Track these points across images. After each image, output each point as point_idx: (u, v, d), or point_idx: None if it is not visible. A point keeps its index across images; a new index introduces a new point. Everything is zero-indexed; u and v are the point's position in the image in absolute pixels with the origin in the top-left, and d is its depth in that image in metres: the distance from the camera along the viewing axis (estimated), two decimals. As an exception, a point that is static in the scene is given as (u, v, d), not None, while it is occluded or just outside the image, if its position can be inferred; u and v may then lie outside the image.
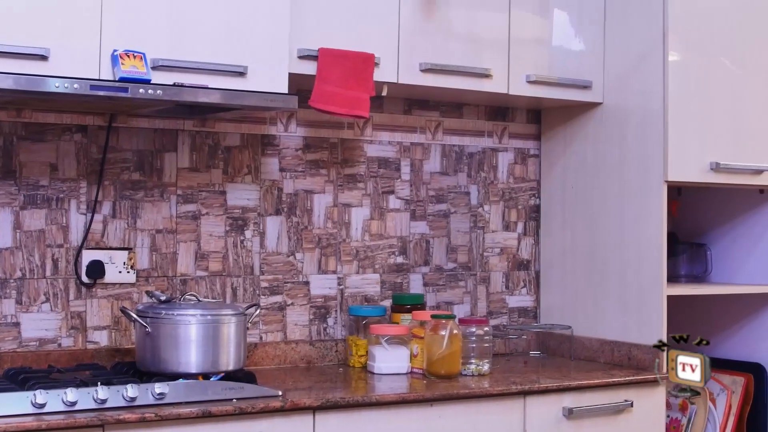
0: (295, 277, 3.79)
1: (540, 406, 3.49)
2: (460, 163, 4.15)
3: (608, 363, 3.96)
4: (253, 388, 3.10)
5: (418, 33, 3.63)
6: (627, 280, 3.93)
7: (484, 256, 4.19)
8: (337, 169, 3.88)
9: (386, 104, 3.97)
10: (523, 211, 4.29)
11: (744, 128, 3.98)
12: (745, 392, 4.11)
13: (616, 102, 4.00)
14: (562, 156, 4.22)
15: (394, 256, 3.99)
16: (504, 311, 4.24)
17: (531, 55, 3.89)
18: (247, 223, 3.71)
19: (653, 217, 3.83)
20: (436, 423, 3.29)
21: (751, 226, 4.23)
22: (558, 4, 3.98)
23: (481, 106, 4.19)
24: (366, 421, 3.17)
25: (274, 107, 3.38)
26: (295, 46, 3.38)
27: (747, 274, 4.23)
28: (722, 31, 3.94)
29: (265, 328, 3.73)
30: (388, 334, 3.65)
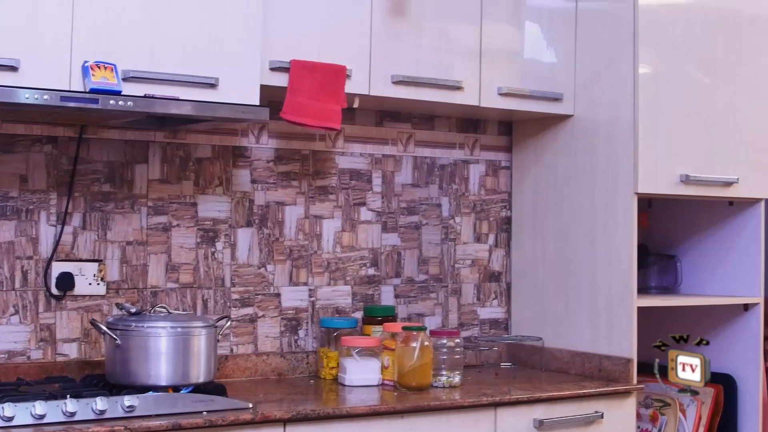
0: (266, 289, 3.79)
1: (511, 417, 3.50)
2: (432, 175, 4.15)
3: (579, 374, 3.97)
4: (224, 401, 3.09)
5: (389, 45, 3.64)
6: (597, 291, 3.94)
7: (455, 268, 4.20)
8: (309, 181, 3.88)
9: (358, 116, 3.97)
10: (494, 222, 4.30)
11: (714, 140, 4.00)
12: (715, 403, 4.12)
13: (586, 114, 4.01)
14: (533, 168, 4.24)
15: (365, 267, 3.99)
16: (475, 323, 4.25)
17: (502, 68, 3.90)
18: (218, 235, 3.70)
19: (623, 228, 3.85)
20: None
21: (721, 238, 4.25)
22: (529, 16, 3.99)
23: (453, 118, 4.20)
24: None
25: (245, 119, 3.38)
26: (266, 58, 3.38)
27: (716, 285, 4.25)
28: (692, 42, 3.96)
29: (236, 340, 3.72)
30: (359, 346, 3.65)
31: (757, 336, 4.11)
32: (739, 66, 4.08)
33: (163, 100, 3.08)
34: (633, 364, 3.80)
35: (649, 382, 4.16)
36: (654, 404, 4.16)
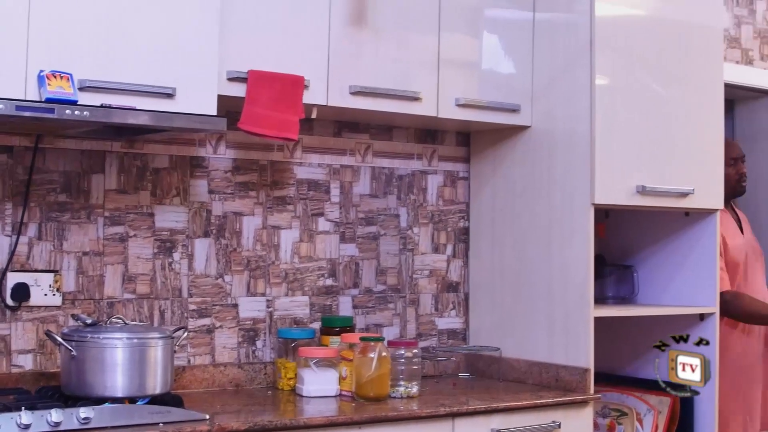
0: (223, 300, 3.77)
1: (468, 427, 3.50)
2: (390, 185, 4.16)
3: (536, 384, 3.98)
4: (180, 412, 3.08)
5: (347, 56, 3.64)
6: (555, 301, 3.95)
7: (413, 278, 4.20)
8: (267, 191, 3.87)
9: (316, 126, 3.97)
10: (452, 233, 4.31)
11: (670, 151, 4.03)
12: (672, 412, 4.15)
13: (544, 125, 4.03)
14: (491, 178, 4.25)
15: (323, 278, 3.99)
16: (433, 333, 4.25)
17: (460, 79, 3.91)
18: (175, 246, 3.68)
19: (580, 239, 3.87)
20: (365, 446, 3.30)
21: (677, 248, 4.28)
22: (487, 27, 4.01)
23: (411, 128, 4.21)
24: (294, 444, 3.17)
25: (202, 129, 3.37)
26: (224, 68, 3.37)
27: (673, 295, 4.28)
28: (647, 54, 3.99)
29: (193, 351, 3.71)
30: (316, 357, 3.64)
31: (712, 345, 4.14)
32: (693, 77, 4.11)
33: (120, 110, 3.06)
34: (590, 374, 3.82)
35: (606, 392, 4.18)
36: (611, 414, 4.18)
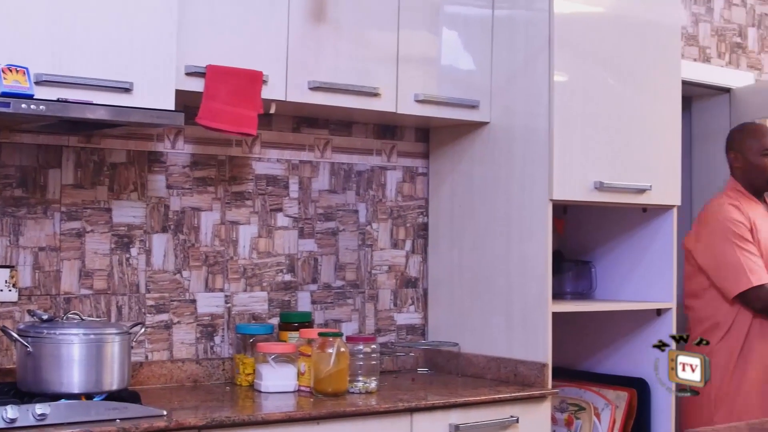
0: (181, 295, 3.76)
1: (427, 422, 3.51)
2: (349, 181, 4.15)
3: (495, 379, 3.99)
4: (137, 408, 3.06)
5: (307, 51, 3.63)
6: (513, 297, 3.97)
7: (372, 274, 4.20)
8: (225, 187, 3.86)
9: (275, 122, 3.96)
10: (411, 229, 4.31)
11: (627, 148, 4.05)
12: (629, 407, 4.18)
13: (502, 121, 4.04)
14: (450, 174, 4.26)
15: (282, 273, 3.98)
16: (392, 329, 4.26)
17: (419, 74, 3.91)
18: (132, 241, 3.67)
19: (539, 235, 3.88)
20: (323, 441, 3.30)
21: (635, 244, 4.31)
22: (447, 23, 4.01)
23: (370, 124, 4.21)
24: (252, 440, 3.16)
25: (160, 124, 3.34)
26: (182, 63, 3.36)
27: (630, 290, 4.31)
28: (606, 51, 4.01)
29: (150, 347, 3.69)
30: (275, 353, 3.63)
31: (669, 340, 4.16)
32: (651, 74, 4.14)
33: (77, 105, 3.05)
34: (548, 369, 3.83)
35: (563, 387, 4.21)
36: (569, 408, 4.20)
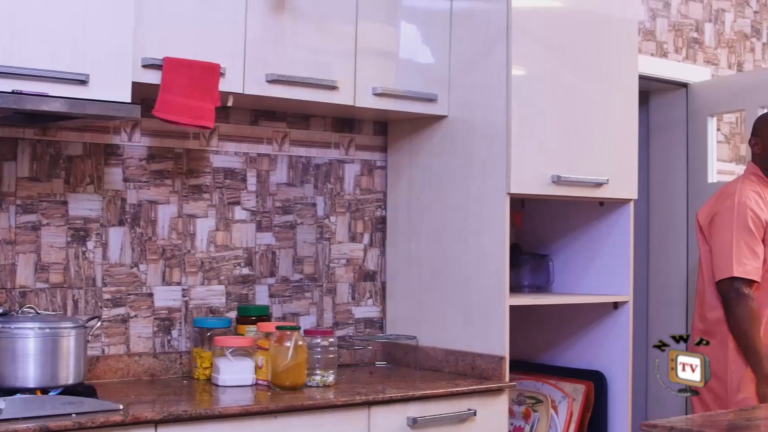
0: (138, 289, 3.74)
1: (384, 416, 3.51)
2: (307, 174, 4.15)
3: (453, 372, 4.00)
4: (94, 402, 3.04)
5: (264, 44, 3.62)
6: (471, 290, 3.98)
7: (330, 267, 4.20)
8: (182, 180, 3.84)
9: (232, 114, 3.95)
10: (369, 222, 4.31)
11: (585, 142, 4.07)
12: (586, 399, 4.20)
13: (460, 115, 4.05)
14: (408, 168, 4.26)
15: (239, 267, 3.97)
16: (350, 322, 4.26)
17: (378, 68, 3.91)
18: (89, 234, 3.64)
19: (496, 228, 3.89)
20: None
21: (592, 238, 4.33)
22: (405, 16, 4.01)
23: (328, 117, 4.20)
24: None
25: (116, 116, 3.32)
26: (139, 55, 3.34)
27: (587, 284, 4.33)
28: (564, 45, 4.02)
29: (107, 341, 3.67)
30: (232, 346, 3.63)
31: (626, 333, 4.20)
32: (609, 68, 4.16)
33: (32, 97, 3.02)
34: (505, 362, 3.84)
35: (521, 380, 4.22)
36: (527, 401, 4.22)
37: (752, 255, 4.26)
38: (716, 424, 2.98)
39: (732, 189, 4.42)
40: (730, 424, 2.96)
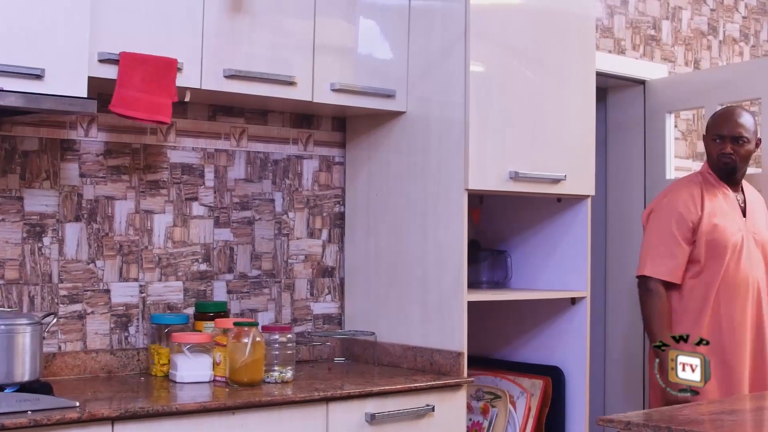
0: (95, 285, 3.72)
1: (343, 412, 3.51)
2: (265, 170, 4.14)
3: (411, 368, 4.00)
4: (50, 400, 3.02)
5: (222, 39, 3.61)
6: (429, 286, 3.98)
7: (288, 263, 4.19)
8: (140, 175, 3.82)
9: (190, 110, 3.93)
10: (327, 218, 4.31)
11: (542, 138, 4.08)
12: (544, 394, 4.22)
13: (419, 111, 4.05)
14: (367, 164, 4.26)
15: (197, 263, 3.95)
16: (309, 318, 4.25)
17: (336, 63, 3.91)
18: (45, 230, 3.62)
19: (455, 224, 3.89)
20: (238, 431, 3.27)
21: (550, 234, 4.35)
22: (364, 12, 4.01)
23: (286, 113, 4.19)
24: (166, 430, 3.13)
25: (72, 111, 3.30)
26: (95, 50, 3.31)
27: (545, 280, 4.35)
28: (522, 41, 4.04)
29: (64, 338, 3.65)
30: (190, 343, 3.61)
31: (583, 329, 4.22)
32: (567, 65, 4.17)
33: (-14, 91, 3.00)
34: (463, 358, 3.85)
35: (479, 375, 4.23)
36: (485, 397, 4.23)
37: (669, 255, 4.35)
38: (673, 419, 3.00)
39: (671, 188, 4.56)
40: (686, 418, 2.98)
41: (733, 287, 4.38)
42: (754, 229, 4.51)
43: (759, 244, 4.49)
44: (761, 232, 4.53)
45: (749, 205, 4.55)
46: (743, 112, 4.55)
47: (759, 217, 4.57)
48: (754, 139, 4.49)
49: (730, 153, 4.44)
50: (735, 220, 4.45)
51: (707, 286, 4.36)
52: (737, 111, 4.57)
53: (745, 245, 4.43)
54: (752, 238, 4.47)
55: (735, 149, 4.45)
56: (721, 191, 4.48)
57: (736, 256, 4.40)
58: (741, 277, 4.40)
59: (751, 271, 4.43)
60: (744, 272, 4.41)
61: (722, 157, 4.46)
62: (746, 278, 4.41)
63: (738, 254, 4.41)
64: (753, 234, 4.49)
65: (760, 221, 4.56)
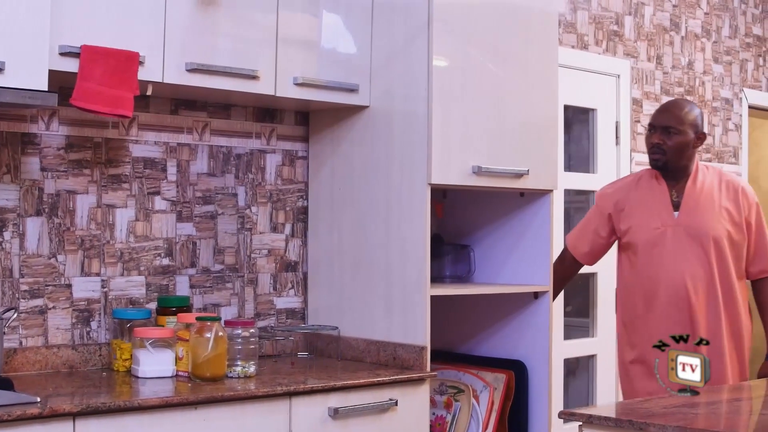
0: (56, 280, 3.69)
1: (306, 406, 3.51)
2: (228, 164, 4.12)
3: (374, 363, 4.01)
4: (10, 395, 3.00)
5: (185, 32, 3.59)
6: (392, 281, 3.98)
7: (251, 258, 4.18)
8: (101, 169, 3.80)
9: (152, 104, 3.91)
10: (290, 212, 4.30)
11: (505, 133, 4.09)
12: (507, 388, 4.23)
13: (382, 105, 4.05)
14: (330, 158, 4.25)
15: (159, 257, 3.94)
16: (272, 313, 4.24)
17: (299, 57, 3.90)
18: (5, 225, 3.59)
19: (418, 218, 3.89)
20: (201, 426, 3.27)
21: (512, 228, 4.35)
22: (327, 6, 4.00)
23: (249, 107, 4.18)
24: (128, 426, 3.12)
25: (32, 105, 3.27)
26: (56, 43, 3.29)
27: (508, 274, 4.36)
28: (485, 35, 4.04)
29: (25, 333, 3.62)
30: (152, 337, 3.59)
31: (546, 323, 4.23)
32: (530, 59, 4.18)
33: (-55, 84, 2.97)
34: (426, 352, 3.86)
35: (443, 369, 4.24)
36: (448, 391, 4.24)
37: (582, 228, 4.56)
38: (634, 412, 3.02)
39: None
40: (648, 411, 3.00)
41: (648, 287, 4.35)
42: (690, 222, 4.32)
43: (695, 238, 4.29)
44: (701, 226, 4.31)
45: (692, 198, 4.34)
46: (680, 103, 4.45)
47: (705, 210, 4.34)
48: (690, 131, 4.31)
49: (658, 143, 4.29)
50: (659, 216, 4.34)
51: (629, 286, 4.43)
52: (672, 101, 4.51)
53: (669, 241, 4.30)
54: (683, 232, 4.31)
55: (664, 140, 4.30)
56: (653, 186, 4.39)
57: (657, 254, 4.32)
58: (670, 279, 4.30)
59: (676, 268, 4.30)
60: (666, 270, 4.31)
61: (651, 152, 4.34)
62: (668, 277, 4.30)
63: (658, 252, 4.32)
64: (686, 228, 4.31)
65: (704, 214, 4.33)
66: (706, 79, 6.49)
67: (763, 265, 4.41)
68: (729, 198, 4.38)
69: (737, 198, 4.38)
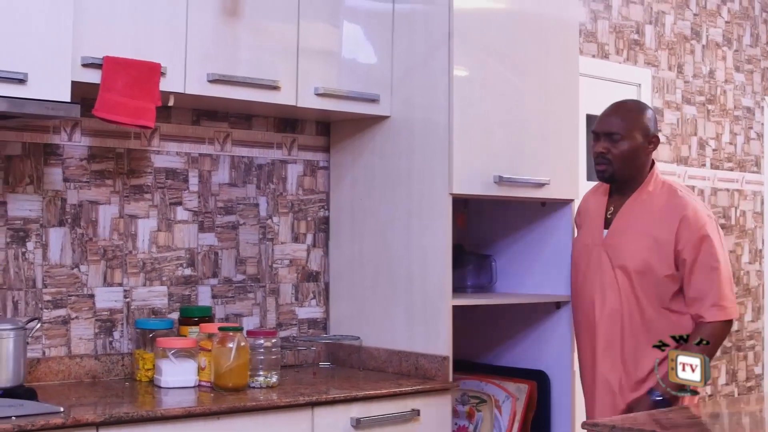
0: (79, 290, 3.71)
1: (328, 416, 3.51)
2: (249, 174, 4.13)
3: (396, 373, 4.00)
4: (34, 405, 3.01)
5: (206, 43, 3.60)
6: (414, 291, 3.98)
7: (273, 268, 4.19)
8: (123, 180, 3.81)
9: (174, 114, 3.92)
10: (312, 222, 4.30)
11: (527, 142, 4.09)
12: (529, 399, 4.21)
13: (403, 115, 4.05)
14: (351, 168, 4.25)
15: (181, 268, 3.94)
16: (294, 323, 4.24)
17: (320, 68, 3.90)
18: (29, 235, 3.60)
19: (439, 228, 3.89)
20: (224, 436, 3.27)
21: (534, 238, 4.34)
22: (348, 16, 4.01)
23: (271, 117, 4.19)
24: (151, 435, 3.13)
25: (55, 116, 3.29)
26: (79, 54, 3.30)
27: (530, 284, 4.35)
28: (505, 46, 4.04)
29: (48, 343, 3.63)
30: (174, 348, 3.60)
31: (568, 333, 4.21)
32: (550, 69, 4.18)
33: (-31, 96, 2.99)
34: (449, 362, 3.85)
35: (465, 380, 4.23)
36: (470, 401, 4.23)
37: None
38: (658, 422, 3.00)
39: None
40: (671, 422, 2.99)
41: (576, 311, 4.07)
42: (612, 245, 3.88)
43: (613, 262, 3.86)
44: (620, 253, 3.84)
45: (623, 219, 3.89)
46: (626, 105, 3.99)
47: (631, 234, 3.85)
48: (639, 135, 3.85)
49: (602, 152, 3.86)
50: (591, 233, 3.97)
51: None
52: (617, 104, 3.99)
53: (593, 261, 3.93)
54: (605, 255, 3.88)
55: (608, 148, 3.85)
56: (597, 199, 4.04)
57: (580, 277, 4.00)
58: (583, 300, 3.99)
59: (592, 292, 3.93)
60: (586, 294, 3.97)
61: (596, 162, 3.92)
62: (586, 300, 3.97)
63: (582, 274, 3.99)
64: (607, 250, 3.88)
65: (629, 240, 3.85)
66: (728, 87, 6.47)
67: (697, 309, 3.75)
68: (664, 226, 3.79)
69: (675, 227, 3.77)
